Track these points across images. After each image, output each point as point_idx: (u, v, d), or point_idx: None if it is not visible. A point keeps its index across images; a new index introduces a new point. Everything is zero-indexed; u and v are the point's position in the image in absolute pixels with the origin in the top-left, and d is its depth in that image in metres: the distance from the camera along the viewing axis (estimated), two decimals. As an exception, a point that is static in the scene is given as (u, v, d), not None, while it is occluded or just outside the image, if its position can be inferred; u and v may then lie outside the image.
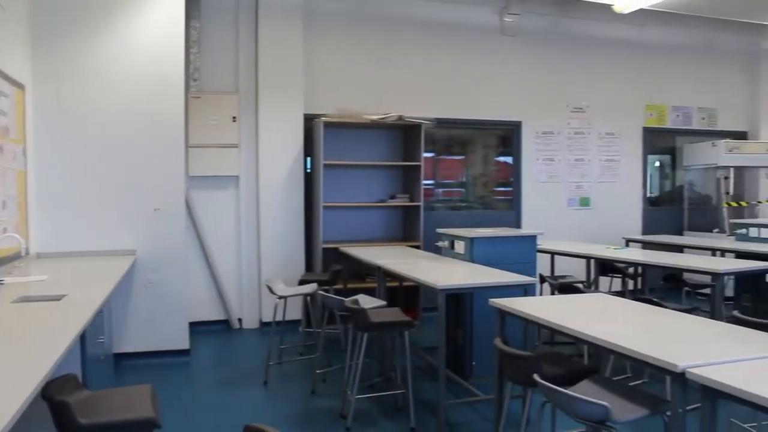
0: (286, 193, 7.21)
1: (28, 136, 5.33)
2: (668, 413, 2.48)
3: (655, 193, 9.73)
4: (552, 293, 5.52)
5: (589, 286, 6.52)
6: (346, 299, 4.37)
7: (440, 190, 8.55)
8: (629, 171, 9.17)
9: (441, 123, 7.83)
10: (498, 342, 3.15)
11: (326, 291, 5.32)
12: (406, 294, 6.63)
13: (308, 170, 7.43)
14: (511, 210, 8.62)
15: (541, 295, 5.31)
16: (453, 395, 4.73)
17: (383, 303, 4.83)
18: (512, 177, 8.67)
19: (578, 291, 4.97)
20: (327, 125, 6.90)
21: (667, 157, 9.88)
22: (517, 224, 8.52)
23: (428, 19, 8.00)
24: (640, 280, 6.96)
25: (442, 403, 4.05)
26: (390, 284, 5.84)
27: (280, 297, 5.33)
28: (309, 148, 7.34)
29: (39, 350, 2.35)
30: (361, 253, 5.87)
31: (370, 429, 4.26)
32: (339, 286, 6.32)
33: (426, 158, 7.57)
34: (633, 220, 9.19)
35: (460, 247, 5.41)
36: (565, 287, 5.27)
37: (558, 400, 2.53)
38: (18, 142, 4.97)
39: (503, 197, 8.78)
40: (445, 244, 5.74)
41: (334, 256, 6.68)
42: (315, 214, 7.11)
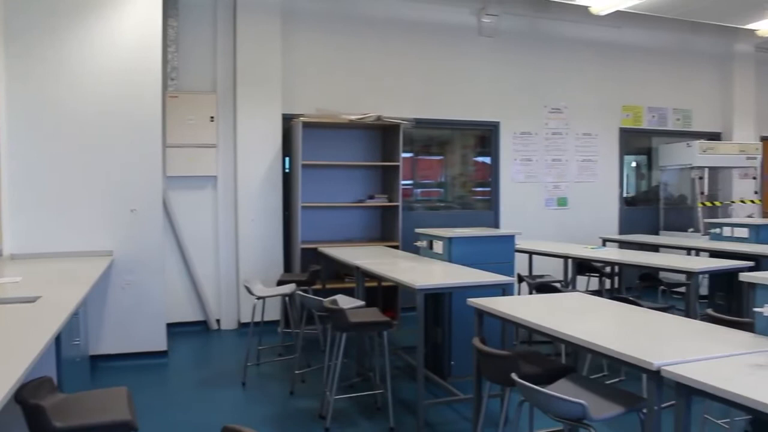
0: (265, 193, 7.19)
1: (2, 135, 5.26)
2: (644, 410, 2.51)
3: (631, 193, 9.83)
4: (530, 293, 5.55)
5: (567, 285, 6.56)
6: (325, 299, 4.36)
7: (419, 190, 8.57)
8: (606, 171, 9.25)
9: (420, 123, 7.85)
10: (476, 341, 3.16)
11: (305, 291, 5.30)
12: (384, 294, 6.63)
13: (287, 170, 7.40)
14: (490, 210, 8.66)
15: (519, 294, 5.34)
16: (432, 395, 4.75)
17: (362, 303, 4.83)
18: (490, 177, 8.71)
19: (556, 290, 5.01)
20: (306, 125, 6.89)
21: (644, 157, 9.99)
22: (496, 224, 8.56)
23: (407, 20, 8.01)
24: (616, 279, 7.02)
25: (421, 403, 4.06)
26: (369, 284, 5.83)
27: (259, 297, 5.31)
28: (287, 148, 7.32)
29: (12, 353, 2.32)
30: (340, 254, 5.86)
31: (349, 429, 4.26)
32: (317, 286, 6.31)
33: (404, 158, 7.57)
34: (610, 220, 9.27)
35: (438, 247, 5.42)
36: (543, 287, 5.31)
37: (536, 398, 2.55)
38: (-9, 142, 4.90)
39: (481, 197, 8.82)
40: (423, 244, 5.76)
41: (312, 256, 6.66)
42: (293, 214, 7.09)
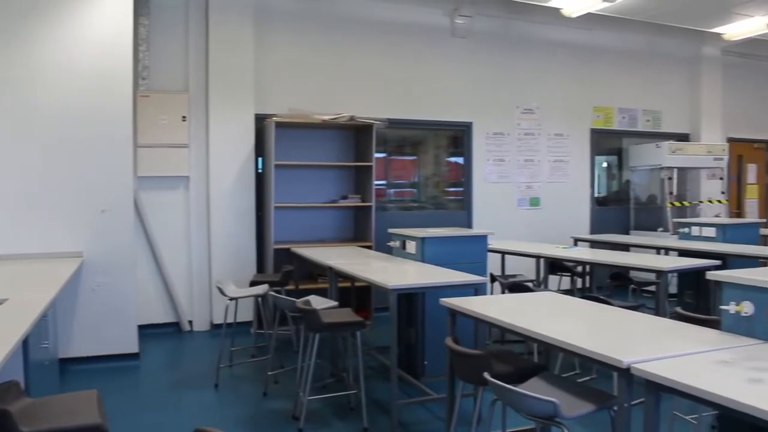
0: (237, 193, 7.14)
1: (-32, 135, 5.17)
2: (615, 408, 2.54)
3: (602, 193, 9.94)
4: (502, 292, 5.59)
5: (539, 284, 6.62)
6: (298, 300, 4.35)
7: (392, 190, 8.58)
8: (578, 171, 9.35)
9: (393, 123, 7.85)
10: (449, 341, 3.18)
11: (278, 292, 5.28)
12: (358, 294, 6.63)
13: (259, 170, 7.37)
14: (463, 210, 8.70)
15: (491, 294, 5.37)
16: (405, 395, 4.75)
17: (335, 303, 4.82)
18: (463, 177, 8.75)
19: (528, 290, 5.05)
20: (278, 125, 6.86)
21: (614, 157, 10.11)
22: (469, 224, 8.60)
23: (380, 20, 8.01)
24: (588, 278, 7.10)
25: (394, 403, 4.06)
26: (342, 284, 5.83)
27: (231, 298, 5.27)
28: (260, 149, 7.28)
29: (-21, 356, 2.28)
30: (313, 254, 5.84)
31: (322, 430, 4.25)
32: (290, 286, 6.28)
33: (378, 158, 7.58)
34: (581, 220, 9.37)
35: (411, 247, 5.44)
36: (516, 286, 5.34)
37: (508, 397, 2.56)
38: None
39: (454, 197, 8.86)
40: (396, 244, 5.76)
41: (285, 256, 6.63)
42: (266, 214, 7.06)
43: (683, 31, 8.67)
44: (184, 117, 6.98)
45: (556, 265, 6.65)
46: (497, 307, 3.38)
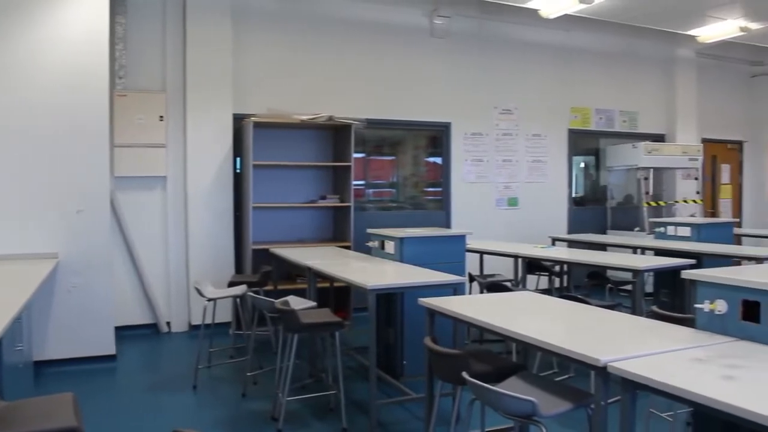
0: (215, 193, 7.10)
1: (-60, 134, 5.09)
2: (592, 406, 2.56)
3: (580, 193, 10.02)
4: (481, 292, 5.61)
5: (517, 284, 6.65)
6: (276, 300, 4.33)
7: (371, 190, 8.58)
8: (555, 172, 9.41)
9: (371, 124, 7.85)
10: (427, 341, 3.19)
11: (256, 292, 5.25)
12: (336, 294, 6.62)
13: (238, 171, 7.33)
14: (441, 210, 8.72)
15: (470, 293, 5.39)
16: (384, 395, 4.76)
17: (313, 304, 4.81)
18: (442, 177, 8.78)
19: (506, 289, 5.07)
20: (257, 125, 6.83)
21: (592, 158, 10.19)
22: (447, 224, 8.62)
23: (359, 20, 8.01)
24: (565, 277, 7.14)
25: (373, 403, 4.07)
26: (320, 285, 5.82)
27: (210, 299, 5.25)
28: (238, 149, 7.24)
29: (-48, 359, 2.24)
30: (292, 254, 5.83)
31: (301, 430, 4.24)
32: (269, 287, 6.26)
33: (356, 159, 7.58)
34: (559, 220, 9.43)
35: (390, 247, 5.44)
36: (494, 286, 5.37)
37: (486, 396, 2.58)
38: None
39: (433, 197, 8.88)
40: (375, 244, 5.77)
41: (264, 257, 6.61)
42: (244, 214, 7.02)
43: (659, 34, 8.78)
44: (161, 117, 6.93)
45: (534, 265, 6.69)
46: (476, 307, 3.39)
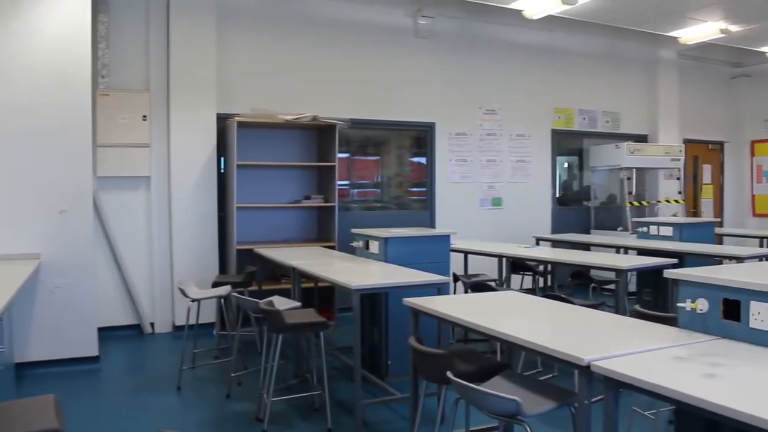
0: (199, 193, 7.07)
1: None
2: (575, 404, 2.58)
3: (563, 193, 10.07)
4: (465, 292, 5.63)
5: (501, 284, 6.68)
6: (261, 301, 4.32)
7: (355, 190, 8.58)
8: (539, 172, 9.46)
9: (356, 123, 7.85)
10: (412, 341, 3.19)
11: (240, 293, 5.24)
12: (321, 294, 6.61)
13: (222, 171, 7.30)
14: (425, 210, 8.74)
15: (454, 293, 5.41)
16: (369, 395, 4.76)
17: (298, 304, 4.81)
18: (426, 177, 8.79)
19: (490, 289, 5.10)
20: (240, 125, 6.80)
21: (575, 158, 10.25)
22: (432, 224, 8.64)
23: (344, 20, 8.01)
24: (549, 277, 7.19)
25: (358, 403, 4.06)
26: (305, 285, 5.81)
27: (194, 300, 5.22)
28: (222, 149, 7.22)
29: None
30: (276, 254, 5.82)
31: (286, 431, 4.23)
32: (253, 287, 6.24)
33: (341, 159, 7.58)
34: (543, 220, 9.48)
35: (374, 247, 5.44)
36: (478, 285, 5.39)
37: (471, 396, 2.59)
38: None
39: (417, 197, 8.89)
40: (359, 244, 5.77)
41: (248, 257, 6.59)
42: (229, 215, 7.00)
43: (641, 35, 8.84)
44: (144, 116, 6.88)
45: (518, 265, 6.72)
46: (460, 307, 3.40)
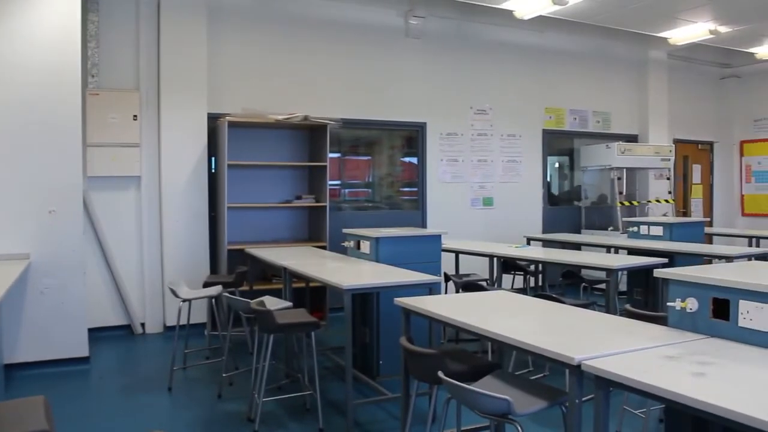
0: (190, 193, 7.05)
1: None
2: (566, 404, 2.59)
3: (554, 192, 10.10)
4: (456, 291, 5.64)
5: (492, 283, 6.69)
6: (252, 301, 4.31)
7: (346, 190, 8.58)
8: (530, 171, 9.48)
9: (347, 123, 7.85)
10: (403, 341, 3.19)
11: (231, 293, 5.23)
12: (312, 294, 6.61)
13: (212, 170, 7.29)
14: (417, 210, 8.75)
15: (445, 293, 5.42)
16: (361, 394, 4.77)
17: (289, 304, 4.80)
18: (417, 177, 8.80)
19: (482, 289, 5.11)
20: (231, 125, 6.78)
21: (566, 158, 10.28)
22: (423, 224, 8.65)
23: (335, 20, 8.00)
24: (540, 277, 7.21)
25: (350, 403, 4.07)
26: (296, 285, 5.81)
27: (184, 300, 5.21)
28: (213, 148, 7.20)
29: None
30: (267, 254, 5.81)
31: (278, 431, 4.23)
32: (244, 287, 6.23)
33: (332, 159, 7.58)
34: (534, 219, 9.50)
35: (365, 247, 5.44)
36: (469, 285, 5.40)
37: (462, 395, 2.59)
38: None
39: (409, 197, 8.89)
40: (350, 244, 5.76)
41: (239, 257, 6.57)
42: (219, 215, 6.98)
43: (631, 35, 8.87)
44: (135, 116, 6.86)
45: (509, 264, 6.74)
46: (451, 307, 3.41)
